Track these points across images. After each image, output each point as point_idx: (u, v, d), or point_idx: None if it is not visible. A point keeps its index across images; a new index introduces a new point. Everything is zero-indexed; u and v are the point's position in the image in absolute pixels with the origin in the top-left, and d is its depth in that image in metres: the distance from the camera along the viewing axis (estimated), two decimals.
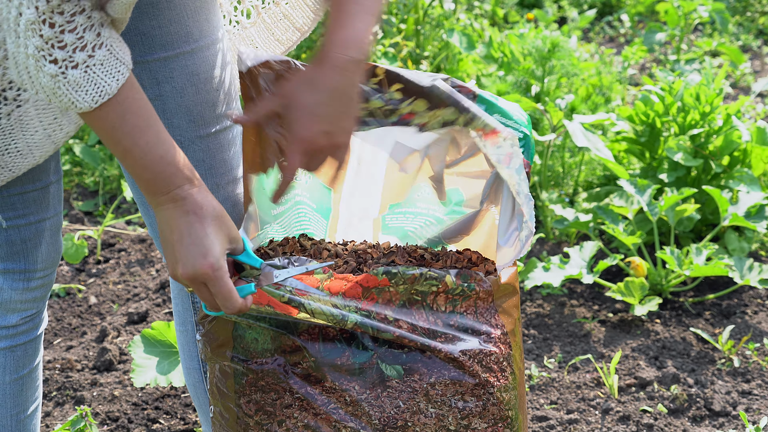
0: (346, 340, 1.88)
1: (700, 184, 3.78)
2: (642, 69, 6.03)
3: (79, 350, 3.35)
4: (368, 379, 1.88)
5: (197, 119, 1.99)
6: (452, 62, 5.04)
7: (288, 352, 1.89)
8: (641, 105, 3.87)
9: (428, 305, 1.87)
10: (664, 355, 3.23)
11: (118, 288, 3.76)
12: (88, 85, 1.62)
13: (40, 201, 2.05)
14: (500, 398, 1.90)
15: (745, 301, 3.53)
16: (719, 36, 6.47)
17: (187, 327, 2.20)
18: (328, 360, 1.87)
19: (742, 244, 3.67)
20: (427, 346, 1.85)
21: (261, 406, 1.92)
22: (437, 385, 1.87)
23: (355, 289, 1.86)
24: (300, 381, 1.89)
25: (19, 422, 2.18)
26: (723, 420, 2.93)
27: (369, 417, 1.88)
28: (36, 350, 2.18)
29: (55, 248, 2.12)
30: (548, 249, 3.88)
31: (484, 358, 1.88)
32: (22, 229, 2.05)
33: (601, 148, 3.78)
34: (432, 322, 1.87)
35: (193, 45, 1.96)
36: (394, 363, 1.87)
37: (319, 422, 1.90)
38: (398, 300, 1.86)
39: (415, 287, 1.86)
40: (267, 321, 1.88)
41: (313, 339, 1.88)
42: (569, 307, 3.50)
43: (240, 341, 1.91)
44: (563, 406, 3.00)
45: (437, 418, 1.89)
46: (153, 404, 3.05)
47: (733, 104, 3.83)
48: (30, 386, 2.18)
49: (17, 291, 2.09)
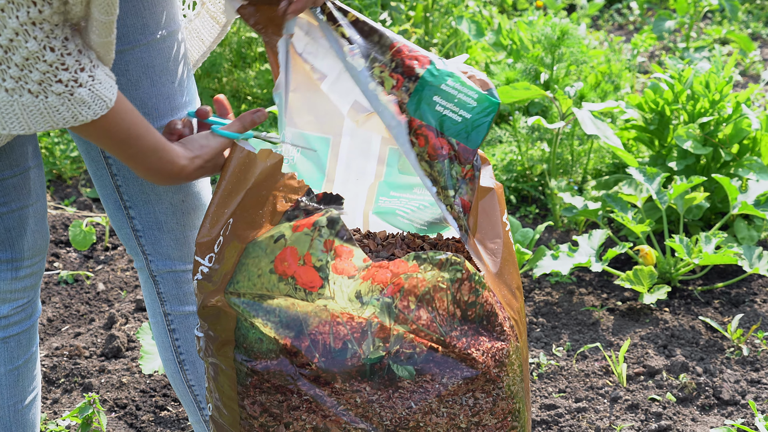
0: (357, 340, 1.86)
1: (709, 172, 3.77)
2: (651, 57, 6.01)
3: (87, 337, 3.36)
4: (379, 380, 1.85)
5: (152, 112, 2.00)
6: (461, 49, 5.03)
7: (294, 353, 1.84)
8: (650, 93, 3.85)
9: (452, 294, 1.86)
10: (672, 343, 3.23)
11: (126, 275, 3.76)
12: (92, 101, 1.73)
13: (21, 187, 2.03)
14: (509, 392, 1.89)
15: (754, 289, 3.52)
16: (729, 24, 6.44)
17: (157, 318, 2.20)
18: (338, 360, 1.85)
19: (751, 232, 3.66)
20: (442, 342, 1.84)
21: (266, 407, 1.88)
22: (450, 385, 1.85)
23: (385, 275, 1.85)
24: (308, 383, 1.85)
25: (17, 412, 2.17)
26: (732, 409, 2.92)
27: (380, 418, 1.85)
28: (30, 340, 2.17)
29: (42, 236, 2.10)
30: (557, 237, 3.87)
31: (497, 352, 1.87)
32: (5, 217, 2.04)
33: (610, 136, 3.77)
34: (451, 312, 1.85)
35: (149, 37, 1.96)
36: (405, 364, 1.85)
37: (328, 424, 1.86)
38: (423, 287, 1.85)
39: (442, 274, 1.85)
40: (277, 317, 1.85)
41: (323, 338, 1.85)
42: (578, 295, 3.50)
43: (243, 340, 1.87)
44: (572, 395, 3.00)
45: (449, 418, 1.87)
46: (161, 391, 3.05)
47: (742, 92, 3.81)
48: (26, 376, 2.17)
49: (5, 281, 2.07)
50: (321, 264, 1.84)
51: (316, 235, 1.85)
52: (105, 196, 2.11)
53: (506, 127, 4.48)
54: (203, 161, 1.91)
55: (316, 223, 1.85)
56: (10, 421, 2.16)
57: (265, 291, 1.85)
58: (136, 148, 1.83)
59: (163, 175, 1.88)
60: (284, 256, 1.85)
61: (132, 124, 1.81)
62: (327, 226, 1.85)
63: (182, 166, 1.89)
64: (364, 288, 1.83)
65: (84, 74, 1.71)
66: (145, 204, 2.08)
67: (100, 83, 1.73)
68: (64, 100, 1.70)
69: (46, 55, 1.66)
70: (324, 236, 1.85)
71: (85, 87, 1.71)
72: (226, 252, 1.90)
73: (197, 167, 1.91)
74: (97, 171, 2.09)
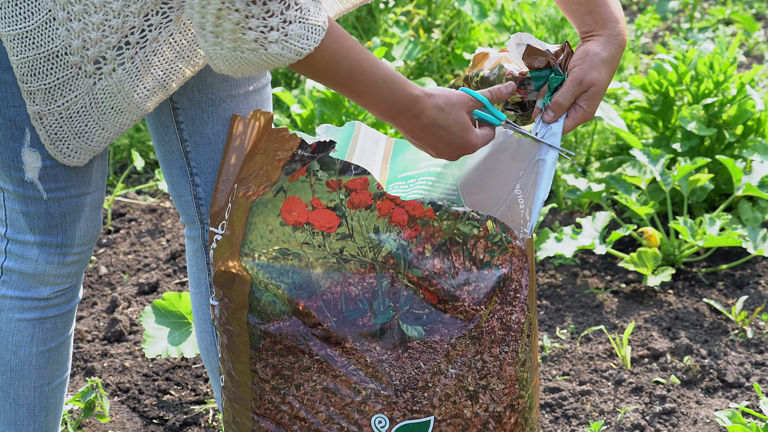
0: (368, 300, 1.87)
1: (713, 153, 3.75)
2: (655, 37, 5.99)
3: (89, 321, 3.35)
4: (389, 340, 1.88)
5: (230, 78, 2.02)
6: (464, 30, 5.01)
7: (306, 314, 1.88)
8: (654, 74, 3.84)
9: (468, 249, 1.87)
10: (677, 326, 3.22)
11: (129, 258, 3.75)
12: (306, 31, 1.70)
13: (83, 174, 2.02)
14: (516, 358, 1.90)
15: (759, 271, 3.51)
16: (732, 4, 6.42)
17: (201, 289, 2.21)
18: (349, 320, 1.87)
19: (755, 214, 3.64)
20: (451, 294, 1.85)
21: (278, 370, 1.91)
22: (458, 346, 1.87)
23: (401, 215, 1.85)
24: (319, 343, 1.88)
25: (42, 394, 2.17)
26: (736, 391, 2.92)
27: (389, 378, 1.88)
28: (67, 324, 2.16)
29: (95, 224, 2.09)
30: (560, 219, 3.86)
31: (505, 315, 1.88)
32: (62, 202, 2.02)
33: (614, 118, 3.75)
34: (467, 267, 1.86)
35: None
36: (415, 324, 1.87)
37: (339, 384, 1.90)
38: (440, 237, 1.85)
39: (458, 226, 1.86)
40: (290, 279, 1.87)
41: (335, 299, 1.87)
42: (581, 277, 3.49)
43: (257, 303, 1.90)
44: (575, 378, 2.99)
45: (457, 379, 1.89)
46: (164, 375, 3.05)
47: (746, 73, 3.80)
48: (57, 359, 2.17)
49: (52, 265, 2.06)
50: (335, 203, 1.86)
51: (313, 180, 1.86)
52: (169, 162, 2.11)
53: None
54: (440, 102, 1.85)
55: (308, 169, 1.87)
56: (34, 402, 2.16)
57: (282, 244, 1.88)
58: (363, 83, 1.78)
59: (398, 109, 1.83)
60: (289, 207, 1.88)
61: (354, 56, 1.76)
62: (321, 168, 1.86)
63: (416, 96, 1.82)
64: (381, 225, 1.85)
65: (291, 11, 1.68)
66: (213, 172, 2.09)
67: (308, 11, 1.69)
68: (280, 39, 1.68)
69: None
70: (323, 178, 1.86)
71: (295, 22, 1.68)
72: (234, 217, 1.93)
73: (434, 106, 1.84)
74: (165, 135, 2.09)
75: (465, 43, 4.93)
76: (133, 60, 1.85)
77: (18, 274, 2.07)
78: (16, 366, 2.13)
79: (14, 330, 2.11)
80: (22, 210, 2.02)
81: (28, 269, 2.06)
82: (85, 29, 1.81)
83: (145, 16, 1.81)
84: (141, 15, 1.81)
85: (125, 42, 1.83)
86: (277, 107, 4.50)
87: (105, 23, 1.81)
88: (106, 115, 1.90)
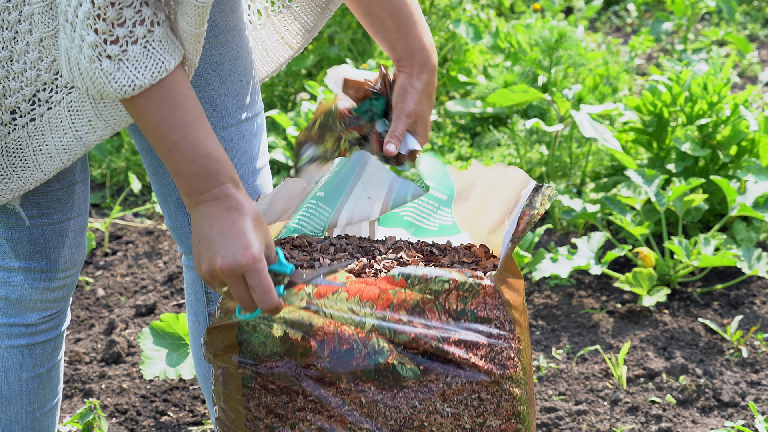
0: (362, 341, 1.87)
1: (707, 174, 3.77)
2: (649, 59, 6.02)
3: (87, 343, 3.36)
4: (384, 380, 1.86)
5: (220, 109, 2.00)
6: (459, 53, 5.03)
7: (300, 354, 1.86)
8: (648, 95, 3.86)
9: (440, 304, 1.87)
10: (672, 345, 3.23)
11: (126, 280, 3.76)
12: (147, 60, 1.65)
13: (65, 200, 2.03)
14: (513, 394, 1.90)
15: (754, 291, 3.52)
16: (726, 25, 6.45)
17: (199, 317, 2.20)
18: (344, 361, 1.86)
19: (750, 234, 3.66)
20: (440, 350, 1.85)
21: (272, 409, 1.90)
22: (453, 385, 1.86)
23: (371, 291, 1.85)
24: (313, 383, 1.86)
25: (34, 419, 2.17)
26: (732, 410, 2.93)
27: (385, 418, 1.86)
28: (56, 349, 2.17)
29: (79, 249, 2.10)
30: (556, 240, 3.87)
31: (496, 355, 1.88)
32: (46, 228, 2.03)
33: (609, 139, 3.77)
34: (444, 321, 1.86)
35: (218, 35, 1.96)
36: (410, 364, 1.86)
37: (334, 424, 1.87)
38: (412, 300, 1.86)
39: (429, 287, 1.86)
40: (282, 319, 1.86)
41: (328, 339, 1.86)
42: (577, 297, 3.50)
43: (246, 345, 1.88)
44: (572, 397, 3.00)
45: (453, 418, 1.88)
46: (161, 396, 3.05)
47: (740, 94, 3.82)
48: (48, 384, 2.17)
49: (38, 290, 2.07)
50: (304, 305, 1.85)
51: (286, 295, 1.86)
52: (165, 195, 2.08)
53: (504, 131, 4.48)
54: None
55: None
56: (26, 428, 2.17)
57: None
58: (179, 135, 1.70)
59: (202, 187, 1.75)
60: None
61: (186, 107, 1.70)
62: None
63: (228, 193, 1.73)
64: (353, 304, 1.84)
65: (142, 28, 1.64)
66: None
67: (159, 42, 1.66)
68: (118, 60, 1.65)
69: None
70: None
71: (139, 44, 1.64)
72: None
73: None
74: (160, 167, 2.05)
75: (460, 65, 4.96)
76: (42, 117, 1.85)
77: (4, 300, 2.08)
78: (7, 392, 2.13)
79: (3, 357, 2.11)
80: (5, 236, 2.03)
81: (14, 295, 2.07)
82: (7, 77, 1.82)
83: (56, 73, 1.82)
84: (51, 71, 1.81)
85: (37, 98, 1.83)
86: (273, 129, 4.52)
87: (23, 73, 1.81)
88: (15, 166, 1.90)
